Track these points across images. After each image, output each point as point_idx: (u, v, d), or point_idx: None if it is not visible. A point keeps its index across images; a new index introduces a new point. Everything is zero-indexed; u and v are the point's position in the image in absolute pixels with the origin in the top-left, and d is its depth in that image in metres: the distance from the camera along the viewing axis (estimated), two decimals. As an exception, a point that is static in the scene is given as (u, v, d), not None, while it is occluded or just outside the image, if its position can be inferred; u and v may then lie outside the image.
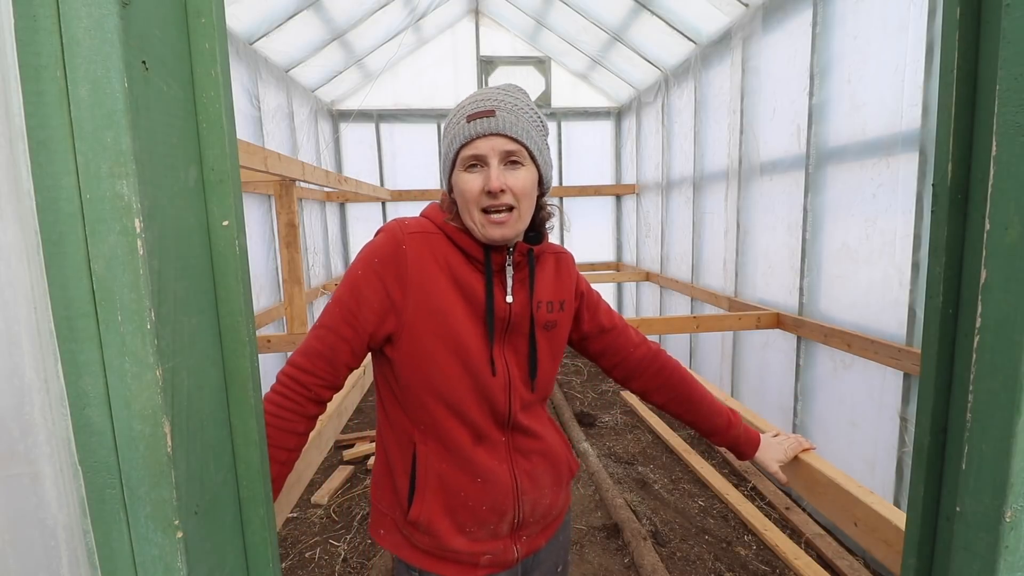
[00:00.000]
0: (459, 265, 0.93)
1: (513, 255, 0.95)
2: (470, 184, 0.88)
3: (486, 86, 5.32)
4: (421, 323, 0.90)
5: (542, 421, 1.05)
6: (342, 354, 0.90)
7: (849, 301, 2.56)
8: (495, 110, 0.87)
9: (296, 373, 0.89)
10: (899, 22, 2.18)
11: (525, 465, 0.99)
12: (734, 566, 2.44)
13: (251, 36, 3.55)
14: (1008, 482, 0.46)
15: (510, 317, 0.95)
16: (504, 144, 0.87)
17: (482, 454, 0.95)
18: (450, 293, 0.91)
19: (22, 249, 0.42)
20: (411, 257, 0.90)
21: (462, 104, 0.93)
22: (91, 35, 0.40)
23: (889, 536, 0.92)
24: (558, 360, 1.05)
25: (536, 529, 1.03)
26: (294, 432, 0.88)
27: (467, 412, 0.94)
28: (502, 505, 0.96)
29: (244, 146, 1.91)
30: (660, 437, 3.79)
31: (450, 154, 0.91)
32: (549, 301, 1.00)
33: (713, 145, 3.86)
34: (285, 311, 2.98)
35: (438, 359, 0.91)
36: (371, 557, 2.57)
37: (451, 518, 0.94)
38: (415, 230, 0.93)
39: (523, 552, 1.01)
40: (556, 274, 1.04)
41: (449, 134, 0.92)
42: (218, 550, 0.51)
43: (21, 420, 0.43)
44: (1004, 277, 0.47)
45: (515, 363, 0.97)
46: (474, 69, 5.48)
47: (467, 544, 0.95)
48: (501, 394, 0.95)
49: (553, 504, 1.04)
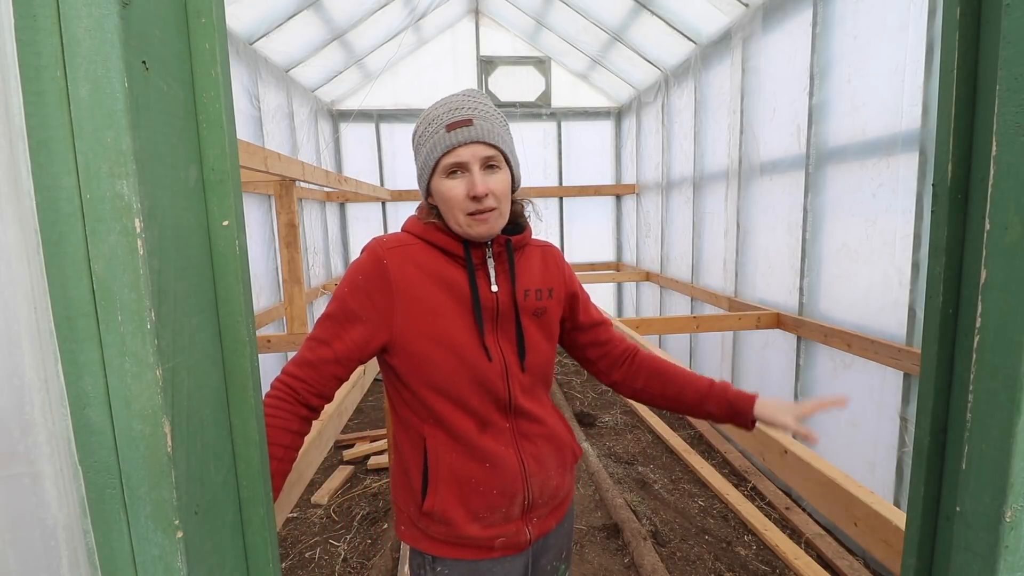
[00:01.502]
0: (441, 266, 0.99)
1: (492, 247, 1.01)
2: (455, 190, 0.94)
3: (486, 88, 5.33)
4: (412, 327, 0.96)
5: (545, 407, 1.09)
6: (329, 366, 0.96)
7: (849, 301, 2.56)
8: (472, 119, 0.93)
9: (288, 379, 0.95)
10: (899, 22, 2.18)
11: (531, 448, 1.04)
12: (734, 566, 2.44)
13: (251, 36, 3.55)
14: (1008, 482, 0.46)
15: (498, 305, 1.00)
16: (483, 151, 0.94)
17: (489, 440, 1.00)
18: (436, 294, 0.97)
19: (22, 249, 0.42)
20: (392, 269, 0.96)
21: (434, 114, 0.97)
22: (91, 35, 0.40)
23: (889, 536, 0.92)
24: (552, 343, 1.09)
25: (546, 511, 1.07)
26: (288, 430, 0.93)
27: (469, 401, 0.99)
28: (512, 488, 1.01)
29: (244, 146, 1.91)
30: (660, 437, 3.79)
31: (430, 162, 0.95)
32: (537, 289, 1.06)
33: (713, 145, 3.86)
34: (285, 311, 2.98)
35: (434, 357, 0.96)
36: (371, 557, 2.57)
37: (464, 506, 0.99)
38: (393, 244, 0.99)
39: (535, 534, 1.05)
40: (543, 264, 1.10)
41: (427, 143, 0.96)
42: (218, 550, 0.51)
43: (21, 420, 0.43)
44: (1004, 277, 0.47)
45: (509, 349, 1.02)
46: (474, 69, 5.48)
47: (481, 530, 1.00)
48: (499, 380, 1.00)
49: (560, 485, 1.08)
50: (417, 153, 0.99)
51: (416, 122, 1.01)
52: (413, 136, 1.01)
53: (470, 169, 0.93)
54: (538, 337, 1.05)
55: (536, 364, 1.05)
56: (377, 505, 3.04)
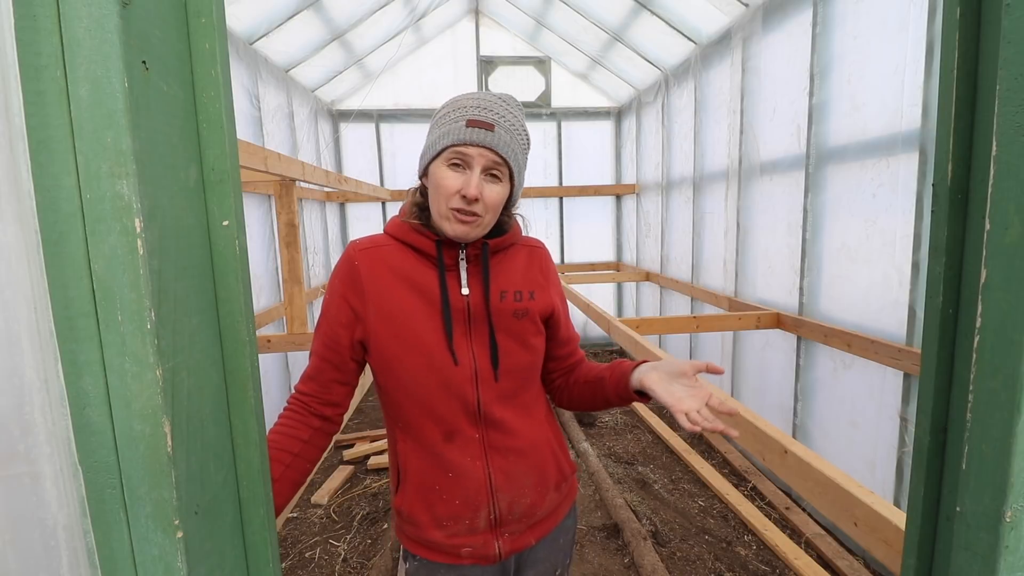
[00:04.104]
0: (413, 267, 0.98)
1: (467, 250, 0.99)
2: (449, 181, 0.92)
3: (486, 88, 5.32)
4: (382, 329, 0.96)
5: (528, 418, 1.03)
6: (327, 373, 0.98)
7: (849, 301, 2.56)
8: (495, 125, 0.92)
9: (297, 395, 1.00)
10: (899, 22, 2.18)
11: (500, 462, 1.00)
12: (734, 566, 2.44)
13: (251, 36, 3.55)
14: (1008, 482, 0.46)
15: (469, 308, 0.98)
16: (492, 157, 0.92)
17: (454, 451, 0.98)
18: (406, 296, 0.96)
19: (22, 249, 0.42)
20: (363, 270, 0.97)
21: (463, 102, 0.95)
22: (91, 35, 0.40)
23: (889, 536, 0.92)
24: (533, 347, 1.03)
25: (520, 527, 1.03)
26: (298, 438, 0.95)
27: (436, 408, 0.97)
28: (475, 500, 0.98)
29: (244, 146, 1.92)
30: (660, 437, 3.79)
31: (438, 145, 0.94)
32: (517, 291, 1.02)
33: (713, 145, 3.86)
34: (285, 311, 2.98)
35: (403, 359, 0.96)
36: (371, 557, 2.57)
37: (429, 511, 0.99)
38: (366, 246, 0.99)
39: (506, 549, 1.01)
40: (527, 264, 1.06)
41: (442, 126, 0.95)
42: (218, 550, 0.51)
43: (21, 420, 0.43)
44: (1004, 277, 0.47)
45: (482, 354, 0.99)
46: (474, 69, 5.48)
47: (445, 537, 0.99)
48: (468, 385, 0.97)
49: (536, 504, 1.03)
50: (431, 131, 0.98)
51: (445, 101, 0.99)
52: (435, 113, 0.99)
53: (471, 168, 0.92)
54: (517, 340, 1.01)
55: (515, 369, 1.00)
56: (377, 505, 3.04)
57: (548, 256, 1.12)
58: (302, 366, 0.98)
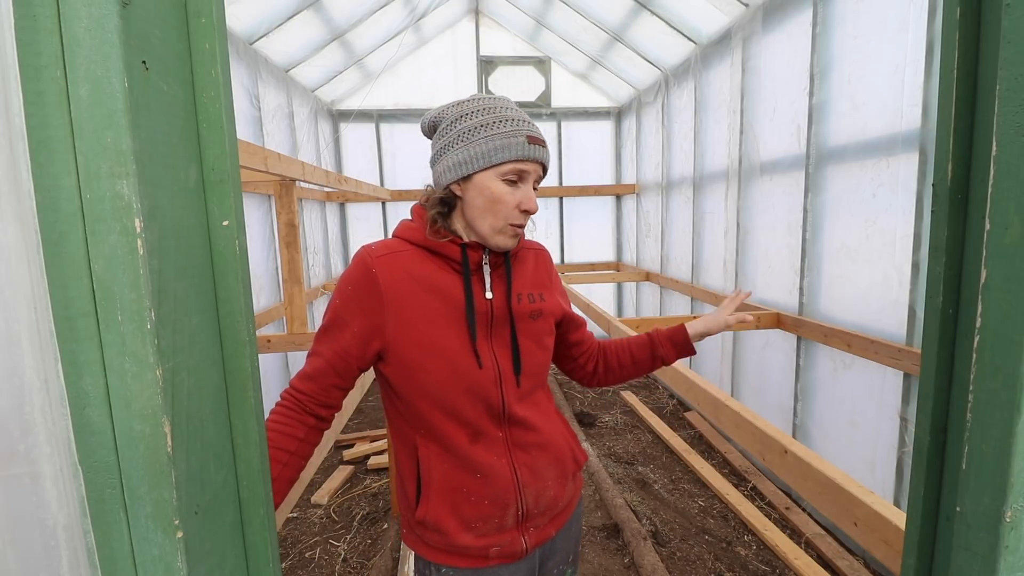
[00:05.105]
0: (434, 272, 0.98)
1: (490, 254, 1.01)
2: (509, 196, 0.95)
3: (486, 89, 5.32)
4: (403, 336, 0.95)
5: (543, 414, 1.07)
6: (328, 377, 0.97)
7: (849, 301, 2.56)
8: (544, 143, 0.98)
9: (293, 392, 0.98)
10: (899, 22, 2.18)
11: (525, 458, 1.02)
12: (734, 566, 2.44)
13: (251, 36, 3.55)
14: (1008, 482, 0.46)
15: (492, 311, 1.00)
16: (540, 172, 0.99)
17: (480, 451, 0.99)
18: (428, 301, 0.96)
19: (22, 249, 0.42)
20: (382, 278, 0.95)
21: (508, 113, 0.95)
22: (91, 35, 0.40)
23: (889, 536, 0.92)
24: (546, 346, 1.09)
25: (543, 520, 1.06)
26: (294, 436, 0.94)
27: (462, 412, 0.98)
28: (504, 499, 0.99)
29: (244, 146, 1.92)
30: (660, 437, 3.79)
31: (491, 157, 0.93)
32: (531, 293, 1.06)
33: (713, 145, 3.86)
34: (285, 311, 2.98)
35: (426, 366, 0.96)
36: (371, 557, 2.57)
37: (456, 516, 0.98)
38: (383, 252, 0.98)
39: (532, 543, 1.04)
40: (535, 266, 1.12)
41: (496, 139, 0.93)
42: (218, 550, 0.51)
43: (21, 420, 0.43)
44: (1004, 277, 0.47)
45: (504, 355, 1.01)
46: (474, 69, 5.48)
47: (474, 539, 0.99)
48: (493, 387, 0.99)
49: (558, 496, 1.06)
50: (467, 139, 0.94)
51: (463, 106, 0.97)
52: (456, 117, 0.96)
53: (525, 183, 0.96)
54: (535, 341, 1.05)
55: (533, 368, 1.04)
56: (377, 505, 3.04)
57: (551, 258, 1.18)
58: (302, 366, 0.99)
